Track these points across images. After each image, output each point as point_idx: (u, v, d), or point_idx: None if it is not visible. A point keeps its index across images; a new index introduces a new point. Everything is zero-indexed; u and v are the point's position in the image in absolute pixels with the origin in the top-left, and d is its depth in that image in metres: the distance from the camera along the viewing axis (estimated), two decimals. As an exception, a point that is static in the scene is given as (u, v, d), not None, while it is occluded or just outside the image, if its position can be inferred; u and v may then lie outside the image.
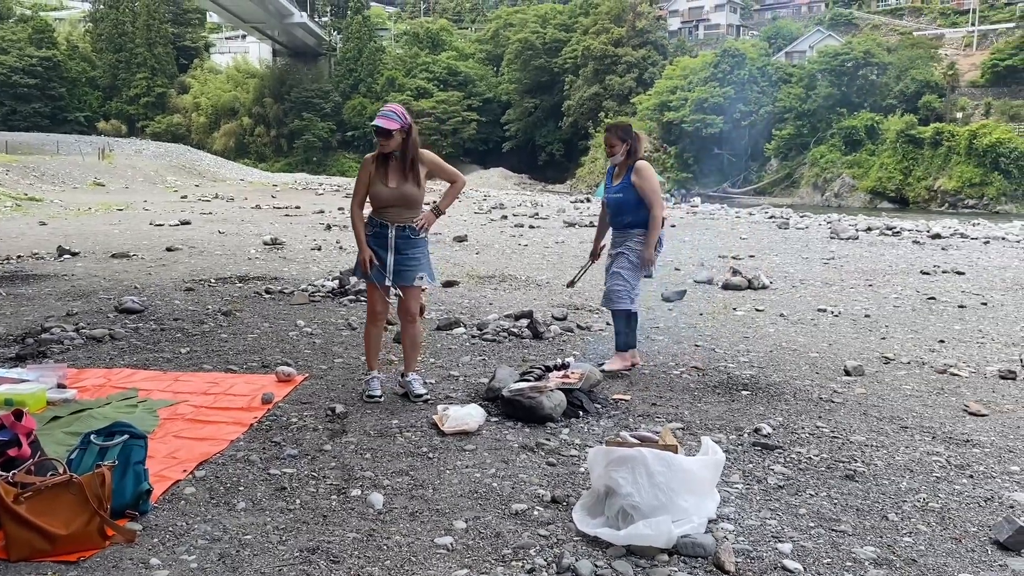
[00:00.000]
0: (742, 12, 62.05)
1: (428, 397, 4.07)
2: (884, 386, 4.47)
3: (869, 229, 15.34)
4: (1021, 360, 5.06)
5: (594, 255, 4.96)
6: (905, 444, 3.51)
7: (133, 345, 5.19)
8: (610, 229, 4.76)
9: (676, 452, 2.66)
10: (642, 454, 2.56)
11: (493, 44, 64.11)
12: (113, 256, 9.77)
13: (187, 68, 67.62)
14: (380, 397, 3.99)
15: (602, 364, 4.61)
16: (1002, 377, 4.69)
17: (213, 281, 7.98)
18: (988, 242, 13.25)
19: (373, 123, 3.69)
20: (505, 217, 17.95)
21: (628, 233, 4.57)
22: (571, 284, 5.20)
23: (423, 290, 4.04)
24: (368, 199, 3.82)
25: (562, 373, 4.02)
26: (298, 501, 2.83)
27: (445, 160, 3.99)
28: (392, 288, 3.81)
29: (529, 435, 3.55)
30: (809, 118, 42.64)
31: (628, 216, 4.55)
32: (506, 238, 13.46)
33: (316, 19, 68.32)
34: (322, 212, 18.50)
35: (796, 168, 42.46)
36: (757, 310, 6.97)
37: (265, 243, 11.43)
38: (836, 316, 6.70)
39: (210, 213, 17.44)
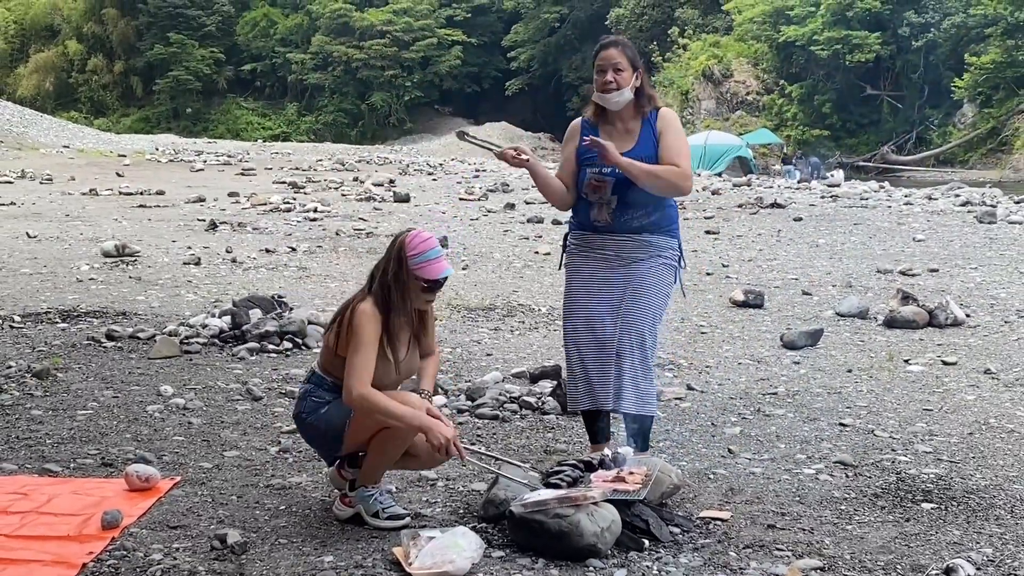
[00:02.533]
0: None
1: (409, 517, 4.03)
2: None
3: None
4: None
5: None
6: None
7: None
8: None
9: (812, 610, 2.65)
10: (754, 614, 2.55)
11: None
12: None
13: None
14: (407, 515, 4.02)
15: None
16: None
17: (17, 319, 8.02)
18: None
19: (435, 275, 3.90)
20: (512, 207, 18.01)
21: (644, 243, 4.38)
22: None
23: None
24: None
25: (613, 474, 4.02)
26: None
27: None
28: None
29: (558, 581, 3.53)
30: (1027, 35, 42.79)
31: (647, 211, 4.37)
32: (513, 242, 13.49)
33: None
34: (202, 201, 18.60)
35: (1006, 120, 42.52)
36: (945, 363, 6.96)
37: (107, 254, 11.50)
38: (1081, 372, 6.69)
39: (12, 204, 17.57)
